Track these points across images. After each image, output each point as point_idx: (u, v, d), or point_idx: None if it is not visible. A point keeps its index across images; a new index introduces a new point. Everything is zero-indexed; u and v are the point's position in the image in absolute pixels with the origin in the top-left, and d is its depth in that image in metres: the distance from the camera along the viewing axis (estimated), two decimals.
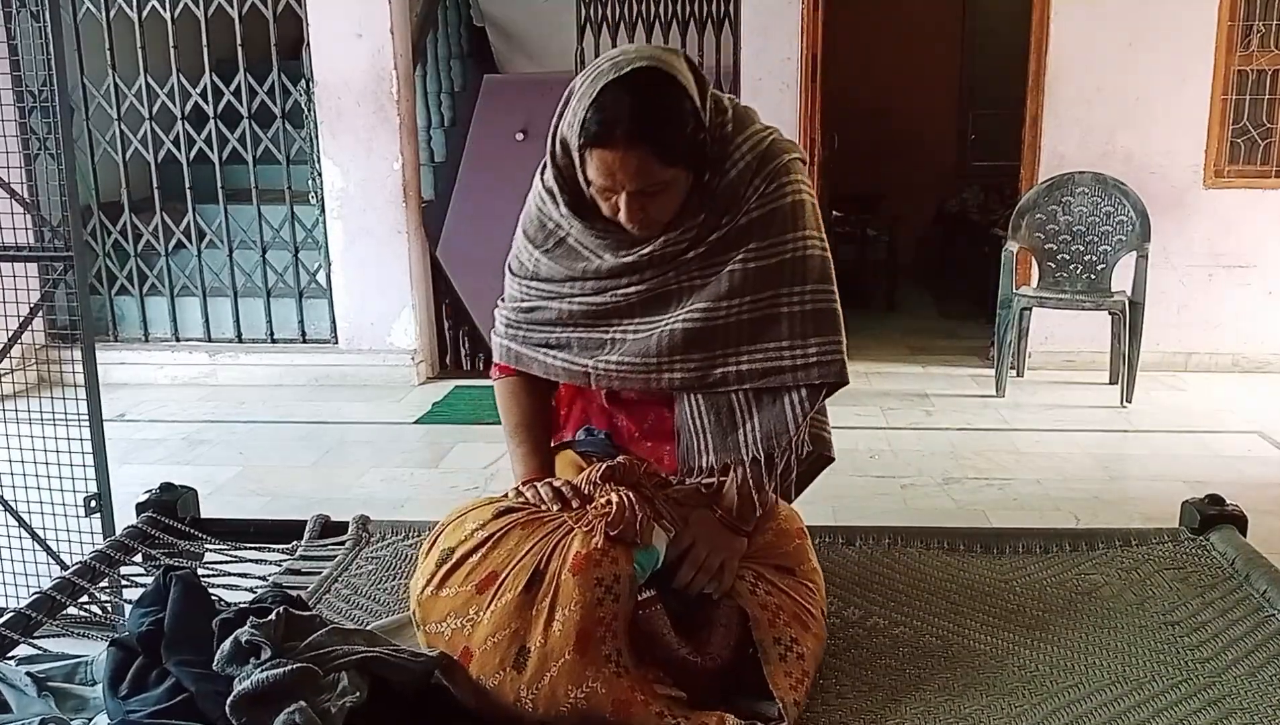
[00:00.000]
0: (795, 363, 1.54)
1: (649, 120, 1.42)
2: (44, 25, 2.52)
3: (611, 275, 1.57)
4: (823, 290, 1.56)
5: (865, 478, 3.77)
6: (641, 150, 1.42)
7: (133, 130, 5.04)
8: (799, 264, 1.55)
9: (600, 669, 1.30)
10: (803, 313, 1.55)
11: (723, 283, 1.53)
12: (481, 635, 1.34)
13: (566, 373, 1.64)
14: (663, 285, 1.56)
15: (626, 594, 1.34)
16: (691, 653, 1.37)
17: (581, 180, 1.50)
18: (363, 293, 5.08)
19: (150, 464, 3.97)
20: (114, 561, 1.85)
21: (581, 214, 1.55)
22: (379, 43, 4.85)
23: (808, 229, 1.56)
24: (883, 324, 6.32)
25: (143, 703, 1.27)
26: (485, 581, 1.37)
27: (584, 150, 1.45)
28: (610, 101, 1.41)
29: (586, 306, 1.60)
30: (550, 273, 1.62)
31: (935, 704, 1.41)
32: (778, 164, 1.55)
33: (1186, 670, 1.48)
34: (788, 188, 1.55)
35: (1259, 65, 4.87)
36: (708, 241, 1.53)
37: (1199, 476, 3.59)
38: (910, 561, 1.83)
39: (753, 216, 1.53)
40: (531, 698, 1.31)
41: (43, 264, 2.85)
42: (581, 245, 1.58)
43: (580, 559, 1.34)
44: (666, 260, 1.54)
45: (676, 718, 1.31)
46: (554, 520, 1.43)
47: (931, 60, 7.68)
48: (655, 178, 1.45)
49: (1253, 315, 5.03)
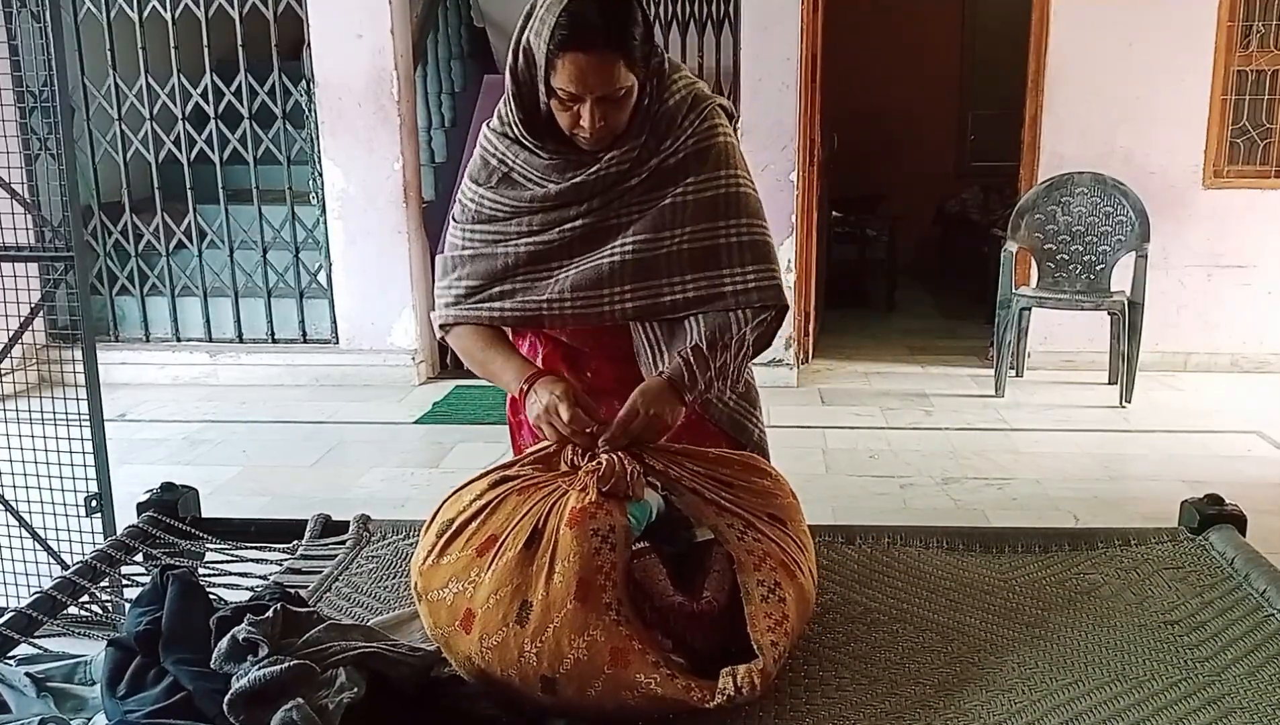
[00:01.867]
0: (736, 288, 1.65)
1: (619, 23, 1.51)
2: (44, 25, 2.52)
3: (560, 202, 1.63)
4: (757, 224, 1.68)
5: (865, 478, 3.78)
6: (611, 52, 1.50)
7: (133, 130, 5.05)
8: (733, 199, 1.66)
9: (601, 616, 1.32)
10: (739, 243, 1.66)
11: (664, 215, 1.63)
12: (483, 595, 1.36)
13: (519, 315, 1.67)
14: (604, 219, 1.63)
15: (622, 543, 1.37)
16: (686, 599, 1.39)
17: (542, 92, 1.55)
18: (363, 293, 5.08)
19: (151, 464, 3.97)
20: (115, 561, 1.85)
21: (533, 133, 1.61)
22: (379, 43, 4.86)
23: (738, 168, 1.68)
24: (883, 324, 6.33)
25: (141, 702, 1.27)
26: (485, 544, 1.40)
27: (555, 56, 1.50)
28: (580, 7, 1.48)
29: (532, 248, 1.65)
30: (494, 211, 1.66)
31: (934, 699, 1.41)
32: (709, 105, 1.67)
33: (1185, 669, 1.48)
34: (719, 129, 1.67)
35: (1259, 65, 4.87)
36: (648, 166, 1.62)
37: (1198, 476, 3.59)
38: (910, 560, 1.83)
39: (688, 150, 1.64)
40: (536, 650, 1.32)
41: (43, 264, 2.85)
42: (526, 177, 1.64)
43: (576, 513, 1.38)
44: (609, 184, 1.61)
45: (672, 669, 1.32)
46: (549, 484, 1.47)
47: (931, 60, 7.68)
48: (621, 82, 1.53)
49: (1252, 315, 5.03)
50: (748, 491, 1.53)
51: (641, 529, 1.43)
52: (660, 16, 5.36)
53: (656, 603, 1.38)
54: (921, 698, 1.42)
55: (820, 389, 4.95)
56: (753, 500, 1.53)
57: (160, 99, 5.02)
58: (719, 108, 1.69)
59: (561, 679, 1.31)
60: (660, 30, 5.35)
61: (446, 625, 1.38)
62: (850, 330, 6.04)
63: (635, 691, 1.30)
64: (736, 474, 1.54)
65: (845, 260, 6.74)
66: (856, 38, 6.71)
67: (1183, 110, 4.91)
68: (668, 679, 1.31)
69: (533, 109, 1.60)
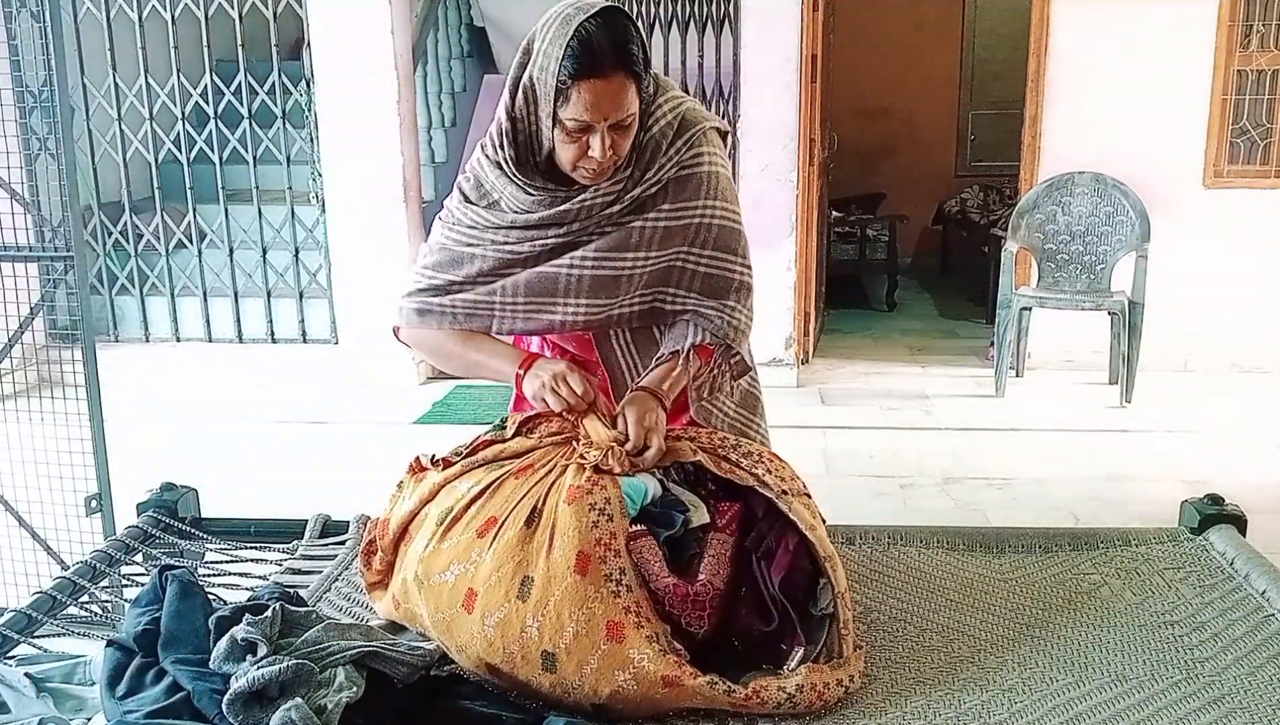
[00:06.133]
0: (675, 307, 1.68)
1: (629, 50, 1.50)
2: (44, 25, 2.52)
3: (540, 225, 1.62)
4: (720, 258, 1.67)
5: (865, 478, 3.77)
6: (624, 75, 1.49)
7: (133, 130, 5.04)
8: (702, 230, 1.65)
9: (600, 589, 1.35)
10: (694, 272, 1.67)
11: (631, 236, 1.62)
12: (485, 573, 1.38)
13: (469, 312, 1.67)
14: (576, 237, 1.63)
15: (618, 514, 1.41)
16: (681, 581, 1.40)
17: (546, 128, 1.54)
18: (363, 293, 5.08)
19: (150, 464, 3.96)
20: (115, 561, 1.85)
21: (523, 171, 1.60)
22: (379, 43, 4.85)
23: (718, 199, 1.65)
24: (883, 324, 6.32)
25: (140, 702, 1.27)
26: (485, 526, 1.43)
27: (568, 86, 1.48)
28: (590, 36, 1.47)
29: (500, 254, 1.64)
30: (475, 220, 1.66)
31: (935, 699, 1.41)
32: (697, 130, 1.63)
33: (1186, 669, 1.48)
34: (703, 158, 1.64)
35: (1259, 65, 4.87)
36: (630, 195, 1.61)
37: (1198, 476, 3.59)
38: (910, 560, 1.83)
39: (668, 178, 1.62)
40: (537, 624, 1.34)
41: (43, 264, 2.85)
42: (511, 208, 1.63)
43: (573, 490, 1.42)
44: (593, 212, 1.61)
45: (665, 645, 1.34)
46: (545, 465, 1.50)
47: (931, 60, 7.68)
48: (631, 107, 1.52)
49: (1252, 315, 5.02)
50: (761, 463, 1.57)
51: (637, 509, 1.45)
52: (660, 16, 5.35)
53: (653, 585, 1.40)
54: (922, 697, 1.42)
55: (820, 389, 4.95)
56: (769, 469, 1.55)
57: (160, 99, 5.01)
58: (710, 131, 1.66)
59: (561, 654, 1.33)
60: (660, 30, 5.34)
61: (448, 608, 1.40)
62: (850, 330, 6.04)
63: (629, 670, 1.32)
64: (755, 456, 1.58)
65: (845, 260, 6.74)
66: (856, 38, 6.72)
67: (1183, 110, 4.90)
68: (660, 654, 1.33)
69: (525, 148, 1.59)
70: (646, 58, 1.54)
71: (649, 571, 1.40)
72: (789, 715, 1.35)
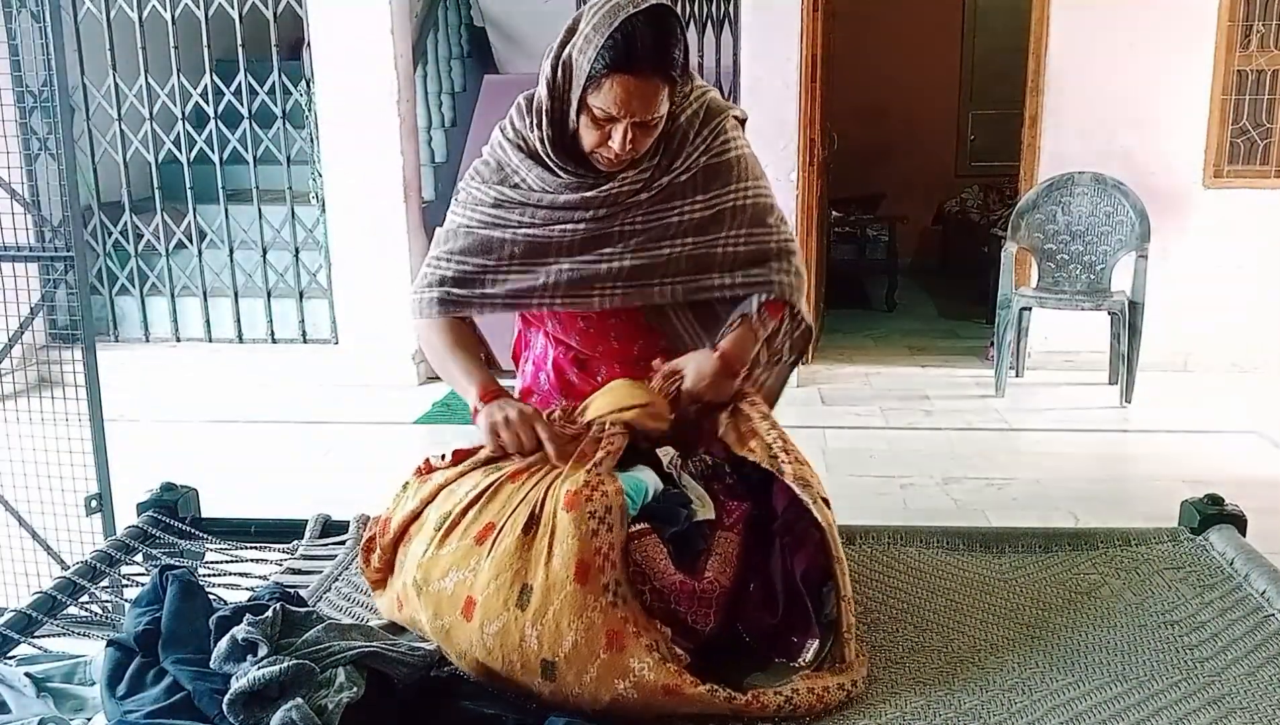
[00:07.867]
0: (722, 283, 1.69)
1: (668, 50, 1.50)
2: (44, 25, 2.52)
3: (566, 207, 1.62)
4: (756, 233, 1.69)
5: (865, 478, 3.78)
6: (659, 79, 1.50)
7: (133, 130, 5.04)
8: (738, 212, 1.67)
9: (599, 598, 1.33)
10: (735, 253, 1.68)
11: (669, 230, 1.64)
12: (484, 581, 1.36)
13: (508, 303, 1.67)
14: (606, 227, 1.63)
15: (619, 523, 1.38)
16: (687, 578, 1.39)
17: (573, 107, 1.53)
18: (363, 293, 5.08)
19: (150, 464, 3.97)
20: (115, 561, 1.85)
21: (557, 153, 1.59)
22: (379, 43, 4.85)
23: (748, 180, 1.68)
24: (883, 324, 6.33)
25: (140, 702, 1.26)
26: (483, 532, 1.41)
27: (601, 76, 1.48)
28: (635, 31, 1.47)
29: (530, 238, 1.63)
30: (499, 199, 1.65)
31: (934, 699, 1.41)
32: (722, 119, 1.67)
33: (1186, 669, 1.48)
34: (730, 145, 1.67)
35: (1259, 65, 4.87)
36: (658, 184, 1.62)
37: (1198, 476, 3.59)
38: (910, 560, 1.83)
39: (699, 167, 1.64)
40: (536, 634, 1.32)
41: (43, 264, 2.85)
42: (534, 189, 1.63)
43: (571, 496, 1.39)
44: (620, 199, 1.61)
45: (665, 655, 1.33)
46: (542, 469, 1.48)
47: (931, 61, 7.68)
48: (659, 109, 1.53)
49: (1252, 315, 5.03)
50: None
51: (638, 507, 1.44)
52: None
53: (657, 583, 1.38)
54: (921, 697, 1.42)
55: (820, 389, 4.95)
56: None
57: (160, 99, 5.01)
58: (731, 120, 1.69)
59: (560, 663, 1.32)
60: None
61: (448, 615, 1.39)
62: (850, 330, 6.04)
63: (629, 679, 1.31)
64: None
65: (845, 260, 6.74)
66: (857, 37, 6.72)
67: (1183, 110, 4.91)
68: (660, 663, 1.31)
69: (561, 126, 1.58)
70: (686, 62, 1.54)
71: (654, 569, 1.39)
72: (789, 718, 1.35)
